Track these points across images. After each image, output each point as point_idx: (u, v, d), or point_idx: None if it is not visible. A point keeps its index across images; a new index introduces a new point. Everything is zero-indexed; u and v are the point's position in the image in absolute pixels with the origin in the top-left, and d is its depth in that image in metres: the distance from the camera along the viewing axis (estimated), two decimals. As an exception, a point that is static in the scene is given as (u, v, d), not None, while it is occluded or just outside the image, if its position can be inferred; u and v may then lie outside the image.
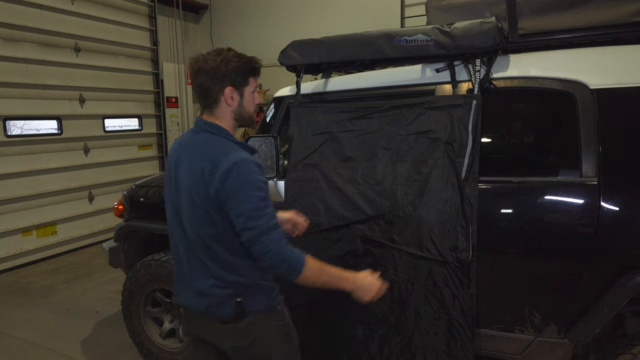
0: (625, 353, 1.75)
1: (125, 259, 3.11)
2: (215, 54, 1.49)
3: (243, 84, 1.53)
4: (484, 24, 1.91)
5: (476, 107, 1.95)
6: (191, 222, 1.48)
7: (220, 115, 1.53)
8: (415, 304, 2.04)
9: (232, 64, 1.48)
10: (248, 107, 1.57)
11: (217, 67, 1.46)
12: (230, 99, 1.50)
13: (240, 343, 1.54)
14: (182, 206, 1.51)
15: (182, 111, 7.32)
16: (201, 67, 1.48)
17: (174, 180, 1.54)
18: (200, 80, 1.48)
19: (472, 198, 1.92)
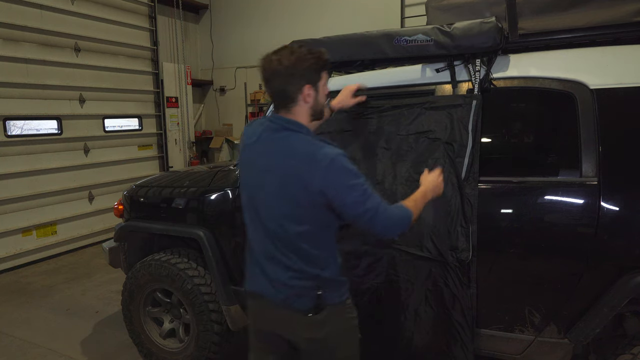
0: (625, 353, 1.75)
1: (125, 259, 3.11)
2: (288, 53, 1.48)
3: (318, 80, 1.53)
4: (484, 24, 1.91)
5: (476, 107, 1.95)
6: (277, 219, 1.51)
7: (298, 113, 1.53)
8: (415, 304, 2.04)
9: (308, 62, 1.47)
10: (322, 101, 1.58)
11: (293, 67, 1.46)
12: (308, 96, 1.51)
13: (316, 335, 1.56)
14: (266, 204, 1.53)
15: (182, 111, 7.32)
16: (276, 69, 1.47)
17: (255, 179, 1.56)
18: (276, 82, 1.50)
19: (472, 198, 1.92)
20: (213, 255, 2.58)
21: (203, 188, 2.71)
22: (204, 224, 2.65)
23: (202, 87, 8.50)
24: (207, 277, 2.68)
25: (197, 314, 2.65)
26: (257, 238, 1.60)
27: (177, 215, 2.79)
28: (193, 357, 2.74)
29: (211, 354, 2.70)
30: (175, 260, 2.73)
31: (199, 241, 2.61)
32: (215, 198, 2.63)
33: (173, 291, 2.76)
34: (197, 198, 2.71)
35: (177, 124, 7.25)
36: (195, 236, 2.63)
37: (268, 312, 1.63)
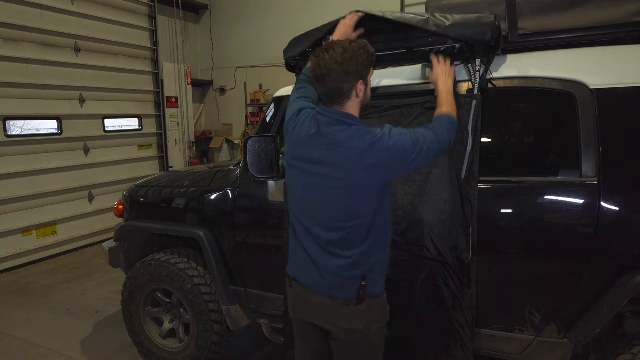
0: (625, 353, 1.74)
1: (125, 259, 3.11)
2: (341, 52, 1.50)
3: (368, 74, 1.58)
4: (482, 17, 1.92)
5: (476, 107, 1.94)
6: (336, 209, 1.55)
7: (349, 107, 1.57)
8: (415, 304, 2.04)
9: (361, 59, 1.52)
10: (369, 94, 1.64)
11: (348, 65, 1.50)
12: (360, 91, 1.56)
13: (357, 325, 1.59)
14: (326, 195, 1.56)
15: (182, 111, 7.32)
16: (331, 67, 1.50)
17: (312, 170, 1.58)
18: (331, 81, 1.52)
19: (472, 198, 1.91)
20: (213, 255, 2.58)
21: (203, 188, 2.71)
22: (204, 224, 2.65)
23: (202, 87, 8.50)
24: (207, 277, 2.69)
25: (197, 314, 2.65)
26: (308, 226, 1.63)
27: (177, 215, 2.79)
28: (193, 357, 2.74)
29: (211, 354, 2.70)
30: (175, 260, 2.73)
31: (199, 241, 2.61)
32: (215, 198, 2.63)
33: (173, 291, 2.76)
34: (197, 198, 2.71)
35: (177, 124, 7.25)
36: (195, 236, 2.63)
37: (308, 301, 1.66)
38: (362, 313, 1.59)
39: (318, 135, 1.56)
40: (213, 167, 3.19)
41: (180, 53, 7.66)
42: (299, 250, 1.67)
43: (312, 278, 1.63)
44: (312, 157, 1.57)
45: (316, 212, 1.60)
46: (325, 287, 1.59)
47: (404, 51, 2.20)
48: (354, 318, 1.60)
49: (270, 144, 2.21)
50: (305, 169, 1.61)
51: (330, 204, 1.56)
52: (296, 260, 1.70)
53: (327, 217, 1.57)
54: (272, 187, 2.44)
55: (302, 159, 1.61)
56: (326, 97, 1.58)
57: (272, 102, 2.62)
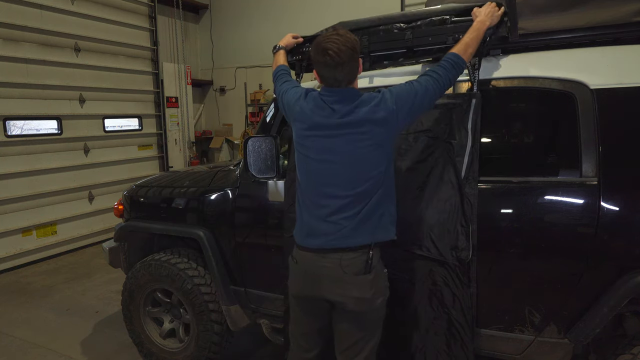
0: (625, 353, 1.74)
1: (125, 259, 3.11)
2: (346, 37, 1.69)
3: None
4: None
5: (476, 106, 1.94)
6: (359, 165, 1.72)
7: (355, 83, 1.79)
8: (415, 303, 2.04)
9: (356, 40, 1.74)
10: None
11: (355, 46, 1.71)
12: (360, 66, 1.80)
13: (365, 294, 1.73)
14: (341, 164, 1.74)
15: (182, 111, 7.32)
16: (347, 51, 1.67)
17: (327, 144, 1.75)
18: (350, 63, 1.70)
19: (472, 197, 1.91)
20: (213, 255, 2.58)
21: (203, 188, 2.71)
22: (204, 224, 2.65)
23: (202, 87, 8.50)
24: (207, 277, 2.69)
25: (197, 314, 2.65)
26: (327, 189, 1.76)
27: (177, 215, 2.79)
28: (193, 357, 2.74)
29: (211, 354, 2.70)
30: (175, 260, 2.73)
31: (199, 241, 2.61)
32: (215, 198, 2.63)
33: (173, 291, 2.76)
34: (197, 198, 2.71)
35: (177, 124, 7.25)
36: (195, 236, 2.63)
37: (318, 272, 1.77)
38: (370, 282, 1.73)
39: (333, 112, 1.74)
40: (213, 167, 3.19)
41: (180, 53, 7.67)
42: (312, 214, 1.79)
43: (327, 237, 1.74)
44: (332, 124, 1.74)
45: (339, 172, 1.74)
46: (342, 236, 1.72)
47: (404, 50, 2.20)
48: (363, 286, 1.72)
49: (270, 144, 2.21)
50: (326, 135, 1.75)
51: (358, 158, 1.72)
52: (309, 225, 1.80)
53: (352, 173, 1.73)
54: (272, 187, 2.44)
55: (320, 126, 1.76)
56: (346, 79, 1.73)
57: (272, 102, 2.62)
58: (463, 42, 1.81)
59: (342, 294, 1.75)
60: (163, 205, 2.87)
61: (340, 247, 1.73)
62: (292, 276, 1.90)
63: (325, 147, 1.75)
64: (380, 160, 1.73)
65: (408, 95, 1.72)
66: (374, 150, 1.71)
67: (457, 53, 1.78)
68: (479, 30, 1.83)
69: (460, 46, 1.80)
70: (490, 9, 1.87)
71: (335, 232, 1.73)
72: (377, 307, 1.78)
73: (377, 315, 1.82)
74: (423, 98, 1.73)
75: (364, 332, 1.80)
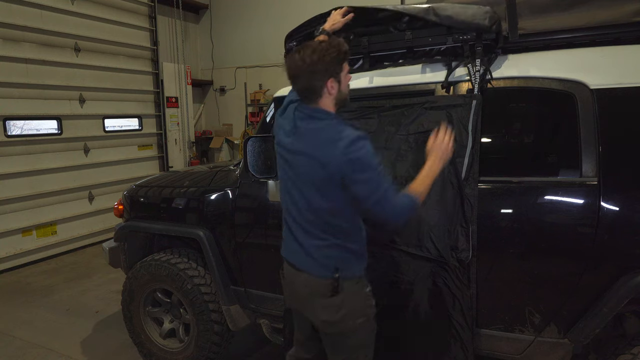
0: (625, 353, 1.74)
1: (125, 259, 3.11)
2: (310, 52, 1.55)
3: (340, 71, 1.61)
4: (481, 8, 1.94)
5: (476, 107, 1.94)
6: (306, 196, 1.63)
7: (323, 104, 1.63)
8: (414, 304, 2.04)
9: (328, 58, 1.55)
10: (344, 90, 1.67)
11: (315, 65, 1.54)
12: (332, 88, 1.60)
13: (332, 317, 1.66)
14: (299, 183, 1.65)
15: (182, 111, 7.32)
16: (300, 67, 1.56)
17: (290, 161, 1.68)
18: (302, 82, 1.59)
19: (472, 198, 1.91)
20: (213, 255, 2.58)
21: (203, 188, 2.71)
22: (204, 224, 2.65)
23: (202, 87, 8.50)
24: (207, 277, 2.69)
25: (197, 314, 2.65)
26: (290, 206, 1.72)
27: (177, 215, 2.79)
28: (193, 357, 2.74)
29: (211, 354, 2.70)
30: (175, 260, 2.73)
31: (199, 241, 2.61)
32: (215, 198, 2.63)
33: (173, 291, 2.76)
34: (197, 198, 2.71)
35: (177, 124, 7.25)
36: (195, 236, 2.63)
37: (294, 287, 1.75)
38: (337, 305, 1.64)
39: (294, 129, 1.66)
40: (213, 167, 3.19)
41: (180, 53, 7.67)
42: (286, 229, 1.76)
43: (296, 256, 1.71)
44: (288, 146, 1.68)
45: (295, 198, 1.68)
46: (306, 263, 1.67)
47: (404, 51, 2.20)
48: (329, 309, 1.65)
49: (271, 144, 2.21)
50: (283, 155, 1.72)
51: (303, 191, 1.64)
52: (285, 239, 1.79)
53: (302, 202, 1.66)
54: (272, 187, 2.44)
55: (281, 145, 1.72)
56: (301, 95, 1.64)
57: (272, 102, 2.62)
58: (420, 182, 1.65)
59: (312, 314, 1.73)
60: (163, 205, 2.87)
61: (305, 269, 1.68)
62: (283, 286, 1.90)
63: (283, 160, 1.72)
64: (325, 198, 1.59)
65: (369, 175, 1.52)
66: (314, 186, 1.60)
67: (411, 195, 1.60)
68: (433, 171, 1.69)
69: (418, 186, 1.64)
70: (443, 148, 1.72)
71: (300, 252, 1.69)
72: (352, 329, 1.68)
73: (357, 337, 1.73)
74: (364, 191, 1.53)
75: (343, 354, 1.75)
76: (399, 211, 1.56)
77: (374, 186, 1.52)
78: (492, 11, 1.93)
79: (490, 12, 1.93)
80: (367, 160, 1.52)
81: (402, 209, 1.56)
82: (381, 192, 1.52)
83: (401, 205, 1.56)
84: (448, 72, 2.07)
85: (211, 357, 2.72)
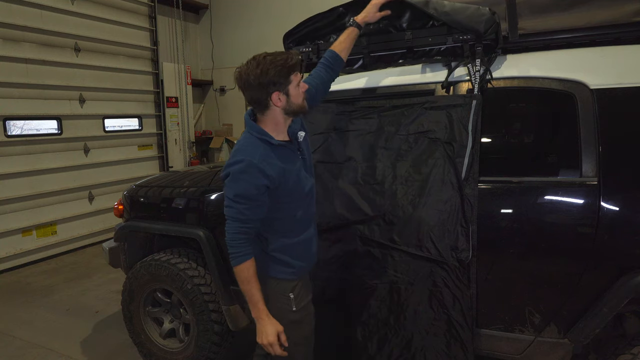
0: (625, 353, 1.74)
1: (125, 259, 3.11)
2: (255, 66, 1.60)
3: (287, 84, 1.64)
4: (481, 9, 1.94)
5: (476, 107, 1.95)
6: None
7: (271, 114, 1.68)
8: (415, 304, 2.04)
9: (271, 73, 1.59)
10: (295, 100, 1.68)
11: (259, 79, 1.59)
12: (278, 100, 1.64)
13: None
14: None
15: (182, 111, 7.32)
16: (246, 81, 1.61)
17: None
18: (249, 93, 1.65)
19: (472, 198, 1.91)
20: (213, 255, 2.58)
21: (203, 188, 2.71)
22: (204, 224, 2.65)
23: (202, 87, 8.50)
24: (207, 277, 2.68)
25: (197, 314, 2.65)
26: None
27: (177, 215, 2.79)
28: (193, 357, 2.74)
29: (211, 354, 2.70)
30: (175, 260, 2.73)
31: (199, 241, 2.61)
32: (215, 198, 2.63)
33: (173, 291, 2.76)
34: (197, 198, 2.71)
35: (177, 124, 7.24)
36: (195, 236, 2.63)
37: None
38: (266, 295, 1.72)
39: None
40: (213, 167, 3.19)
41: (180, 53, 7.66)
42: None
43: None
44: None
45: None
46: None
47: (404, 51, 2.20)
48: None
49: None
50: None
51: None
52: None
53: None
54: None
55: None
56: (251, 105, 1.70)
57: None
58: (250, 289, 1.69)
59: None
60: (163, 205, 2.87)
61: None
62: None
63: None
64: None
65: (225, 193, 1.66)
66: None
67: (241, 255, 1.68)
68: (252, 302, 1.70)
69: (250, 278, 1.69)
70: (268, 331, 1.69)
71: None
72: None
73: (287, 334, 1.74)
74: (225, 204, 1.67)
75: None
76: (227, 240, 1.68)
77: (225, 203, 1.65)
78: (490, 14, 1.92)
79: (487, 16, 1.92)
80: (228, 183, 1.64)
81: (231, 242, 1.67)
82: (228, 214, 1.65)
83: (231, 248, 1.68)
84: (448, 72, 2.07)
85: (211, 357, 2.71)
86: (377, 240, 2.08)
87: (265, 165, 1.61)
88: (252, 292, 1.67)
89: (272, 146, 1.66)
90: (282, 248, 1.76)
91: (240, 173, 1.60)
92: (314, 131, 2.28)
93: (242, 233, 1.65)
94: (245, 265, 1.66)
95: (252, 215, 1.64)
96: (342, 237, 2.15)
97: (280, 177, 1.64)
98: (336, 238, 2.16)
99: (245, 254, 1.66)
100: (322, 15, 2.31)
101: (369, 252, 2.11)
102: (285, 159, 1.69)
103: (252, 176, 1.60)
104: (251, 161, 1.59)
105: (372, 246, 2.10)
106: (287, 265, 1.77)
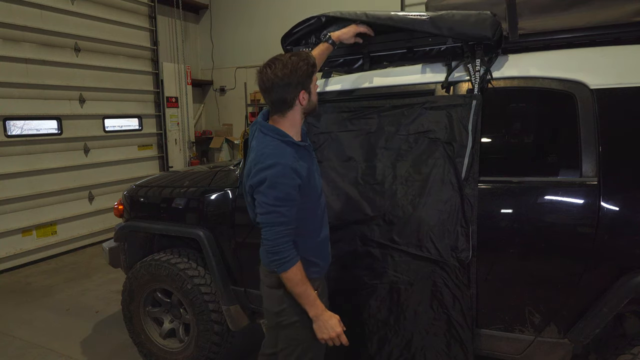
0: (625, 353, 1.74)
1: (125, 259, 3.11)
2: (281, 66, 1.61)
3: (310, 83, 1.69)
4: (482, 14, 1.93)
5: (476, 107, 1.94)
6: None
7: (291, 115, 1.70)
8: (414, 304, 2.04)
9: (300, 71, 1.62)
10: (314, 99, 1.74)
11: (288, 78, 1.61)
12: (303, 99, 1.67)
13: (273, 308, 1.80)
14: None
15: (182, 111, 7.32)
16: (273, 82, 1.61)
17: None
18: (275, 94, 1.64)
19: (472, 198, 1.91)
20: (213, 255, 2.58)
21: (203, 188, 2.71)
22: (204, 224, 2.65)
23: (202, 87, 8.50)
24: (207, 277, 2.69)
25: (197, 314, 2.65)
26: None
27: (177, 215, 2.79)
28: (193, 357, 2.74)
29: (211, 354, 2.70)
30: (175, 260, 2.73)
31: (199, 241, 2.61)
32: (215, 198, 2.63)
33: (173, 291, 2.76)
34: (197, 198, 2.71)
35: (177, 124, 7.25)
36: (195, 236, 2.63)
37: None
38: (280, 297, 1.75)
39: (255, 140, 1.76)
40: (213, 167, 3.19)
41: (180, 53, 7.66)
42: None
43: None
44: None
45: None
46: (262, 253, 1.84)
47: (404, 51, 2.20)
48: (272, 299, 1.80)
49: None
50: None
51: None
52: None
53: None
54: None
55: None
56: (273, 106, 1.70)
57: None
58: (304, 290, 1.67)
59: (263, 301, 1.89)
60: (163, 205, 2.87)
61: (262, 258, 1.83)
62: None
63: None
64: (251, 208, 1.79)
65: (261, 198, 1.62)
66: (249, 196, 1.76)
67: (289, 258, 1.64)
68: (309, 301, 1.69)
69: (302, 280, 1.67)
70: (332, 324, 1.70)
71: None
72: (288, 325, 1.77)
73: (294, 333, 1.77)
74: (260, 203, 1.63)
75: (280, 345, 1.84)
76: (270, 247, 1.63)
77: (263, 210, 1.61)
78: (492, 16, 1.92)
79: (490, 20, 1.92)
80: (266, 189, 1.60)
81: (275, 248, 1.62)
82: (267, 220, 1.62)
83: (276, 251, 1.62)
84: (448, 72, 2.07)
85: (211, 357, 2.72)
86: (377, 240, 2.08)
87: (297, 165, 1.63)
88: (308, 292, 1.66)
89: (296, 147, 1.68)
90: (310, 248, 1.77)
91: (279, 177, 1.58)
92: (313, 131, 2.28)
93: (286, 236, 1.63)
94: (297, 268, 1.64)
95: (292, 216, 1.63)
96: (342, 237, 2.15)
97: (307, 177, 1.67)
98: (336, 238, 2.16)
99: (293, 257, 1.64)
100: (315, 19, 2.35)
101: (369, 252, 2.11)
102: (306, 159, 1.72)
103: (289, 178, 1.60)
104: (286, 163, 1.60)
105: (372, 246, 2.10)
106: (313, 265, 1.78)
